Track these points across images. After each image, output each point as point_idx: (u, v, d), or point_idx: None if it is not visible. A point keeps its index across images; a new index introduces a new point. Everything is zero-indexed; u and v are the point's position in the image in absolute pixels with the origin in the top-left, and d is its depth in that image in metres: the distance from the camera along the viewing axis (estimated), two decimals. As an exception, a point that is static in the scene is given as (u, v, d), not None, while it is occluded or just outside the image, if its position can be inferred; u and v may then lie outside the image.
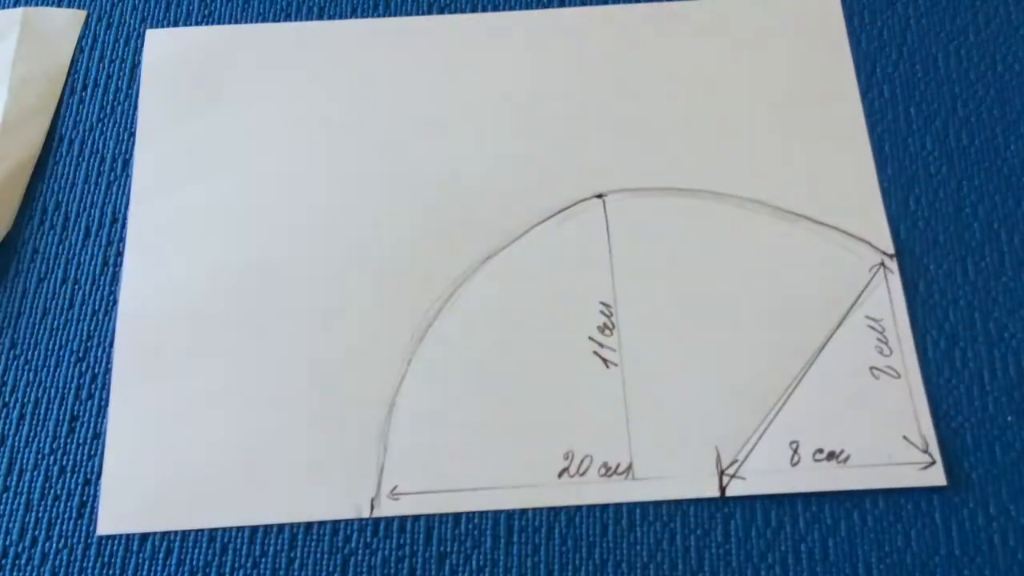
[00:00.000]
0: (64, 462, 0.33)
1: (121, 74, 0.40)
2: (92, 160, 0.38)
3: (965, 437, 0.33)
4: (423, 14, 0.41)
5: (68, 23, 0.40)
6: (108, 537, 0.32)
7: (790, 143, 0.38)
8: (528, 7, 0.41)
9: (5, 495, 0.33)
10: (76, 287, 0.36)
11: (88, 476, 0.33)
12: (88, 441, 0.33)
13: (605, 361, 0.34)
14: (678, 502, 0.32)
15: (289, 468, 0.32)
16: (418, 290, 0.35)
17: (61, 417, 0.34)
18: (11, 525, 0.32)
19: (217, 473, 0.32)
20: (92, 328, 0.35)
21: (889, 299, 0.35)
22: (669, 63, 0.39)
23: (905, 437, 0.33)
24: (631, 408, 0.33)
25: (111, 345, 0.35)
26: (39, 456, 0.33)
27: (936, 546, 0.31)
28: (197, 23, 0.41)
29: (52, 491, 0.33)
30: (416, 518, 0.32)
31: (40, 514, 0.32)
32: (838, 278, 0.35)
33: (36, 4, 0.41)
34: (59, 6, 0.41)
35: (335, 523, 0.32)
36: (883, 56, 0.39)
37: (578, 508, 0.32)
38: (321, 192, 0.37)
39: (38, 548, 0.32)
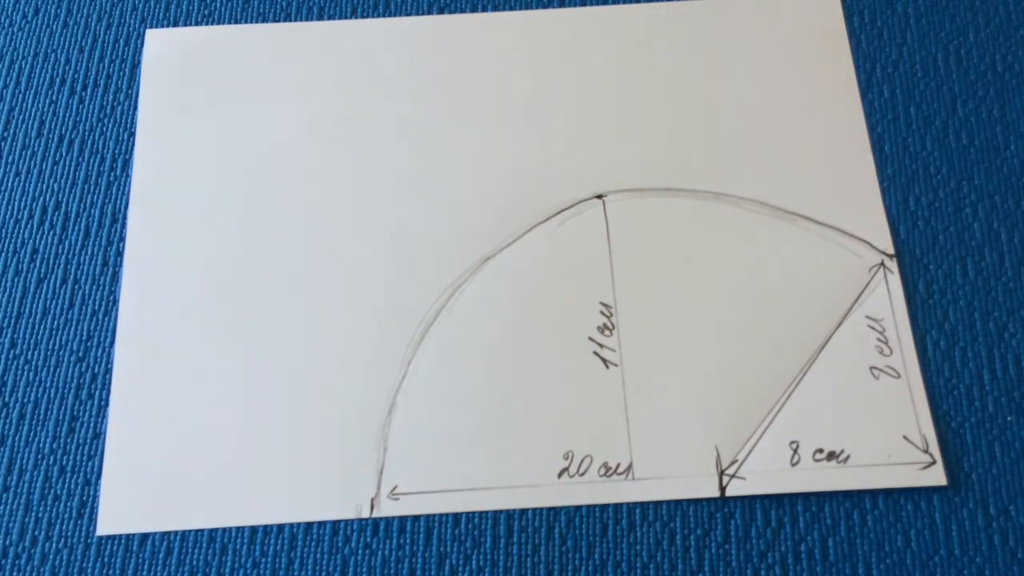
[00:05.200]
0: (64, 462, 0.33)
1: (121, 74, 0.40)
2: (92, 160, 0.38)
3: (965, 437, 0.33)
4: (423, 14, 0.41)
5: None
6: (108, 537, 0.32)
7: (790, 143, 0.38)
8: (528, 7, 0.41)
9: (5, 495, 0.33)
10: (76, 287, 0.36)
11: (88, 476, 0.33)
12: (88, 441, 0.33)
13: (605, 361, 0.34)
14: (678, 502, 0.32)
15: (289, 468, 0.32)
16: (418, 290, 0.35)
17: (61, 417, 0.34)
18: (11, 525, 0.32)
19: (217, 473, 0.32)
20: (92, 328, 0.35)
21: (889, 299, 0.35)
22: (669, 63, 0.39)
23: (905, 437, 0.33)
24: (631, 408, 0.33)
25: (111, 345, 0.35)
26: (39, 456, 0.33)
27: (936, 546, 0.31)
28: (197, 23, 0.41)
29: (52, 491, 0.33)
30: (416, 518, 0.32)
31: (40, 514, 0.32)
32: (838, 278, 0.35)
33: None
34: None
35: (335, 523, 0.32)
36: (883, 56, 0.39)
37: (578, 508, 0.32)
38: (320, 192, 0.37)
39: (38, 548, 0.32)
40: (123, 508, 0.32)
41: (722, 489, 0.32)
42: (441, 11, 0.41)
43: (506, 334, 0.34)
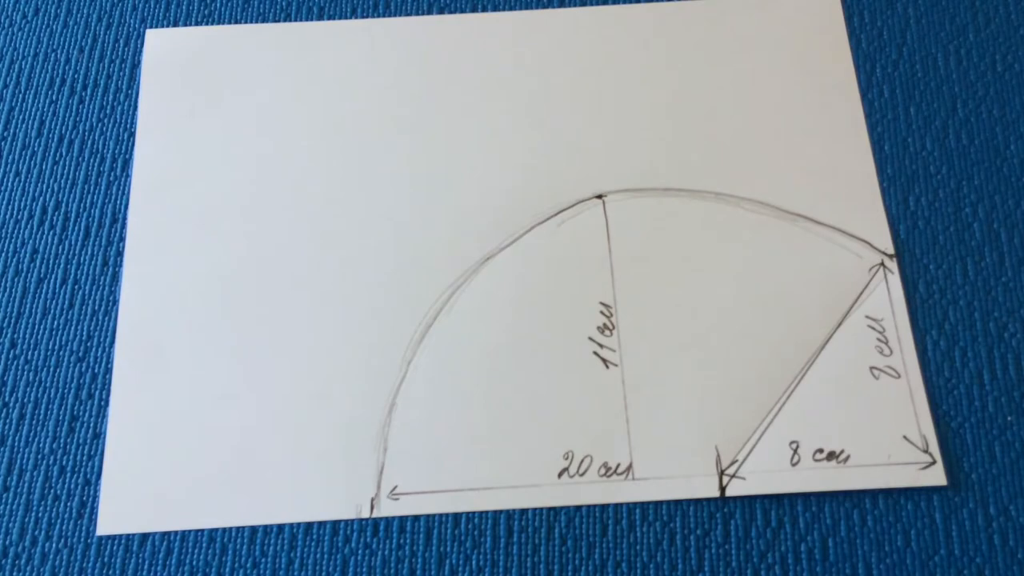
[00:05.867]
0: (64, 462, 0.33)
1: (121, 74, 0.40)
2: (92, 160, 0.38)
3: (965, 437, 0.33)
4: (423, 14, 0.41)
5: None
6: (108, 537, 0.32)
7: (790, 143, 0.38)
8: (528, 7, 0.41)
9: (5, 495, 0.33)
10: (76, 287, 0.36)
11: (88, 476, 0.33)
12: (88, 441, 0.33)
13: (605, 361, 0.34)
14: (678, 502, 0.32)
15: (289, 468, 0.32)
16: (418, 290, 0.35)
17: (61, 417, 0.34)
18: (11, 525, 0.32)
19: (217, 473, 0.32)
20: (92, 328, 0.35)
21: (889, 299, 0.35)
22: (669, 63, 0.39)
23: (905, 437, 0.33)
24: (631, 408, 0.33)
25: (111, 345, 0.35)
26: (39, 456, 0.33)
27: (936, 546, 0.31)
28: (197, 23, 0.41)
29: (52, 491, 0.33)
30: (416, 518, 0.32)
31: (40, 514, 0.32)
32: (838, 278, 0.35)
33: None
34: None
35: (335, 523, 0.32)
36: (883, 56, 0.39)
37: (578, 508, 0.32)
38: (321, 192, 0.37)
39: (38, 548, 0.32)
40: (123, 508, 0.32)
41: (722, 489, 0.32)
42: (441, 11, 0.41)
43: (506, 334, 0.34)
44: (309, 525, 0.32)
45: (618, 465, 0.32)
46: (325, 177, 0.37)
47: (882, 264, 0.35)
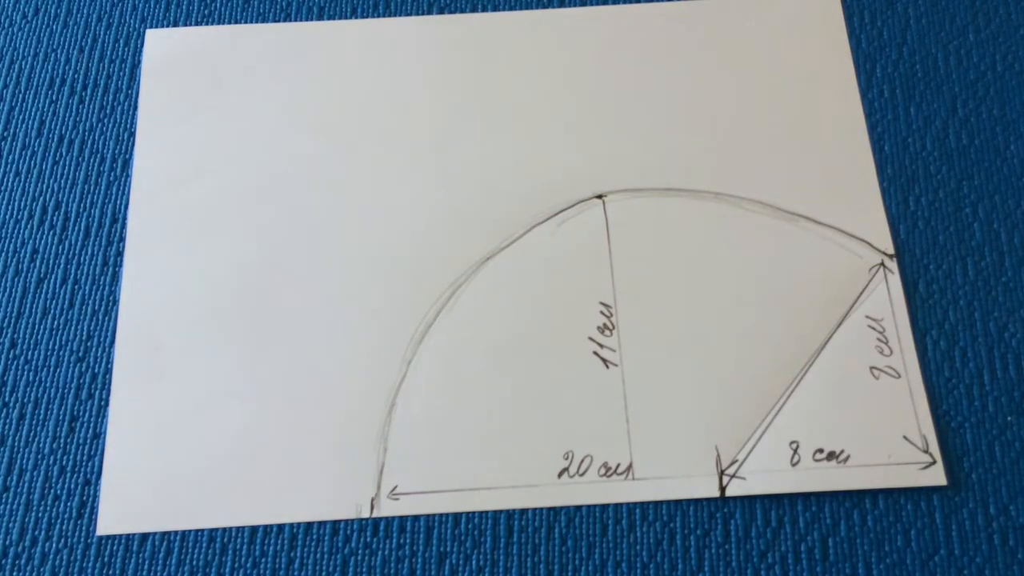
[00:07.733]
0: (64, 462, 0.33)
1: (121, 74, 0.40)
2: (92, 160, 0.38)
3: (965, 437, 0.33)
4: (423, 14, 0.41)
5: None
6: (108, 537, 0.32)
7: (790, 143, 0.38)
8: (528, 7, 0.41)
9: (5, 495, 0.33)
10: (76, 287, 0.36)
11: (88, 476, 0.33)
12: (88, 441, 0.33)
13: (605, 361, 0.34)
14: (678, 502, 0.32)
15: (289, 468, 0.32)
16: (418, 290, 0.35)
17: (61, 417, 0.34)
18: (11, 525, 0.32)
19: (217, 473, 0.32)
20: (92, 328, 0.35)
21: (889, 299, 0.35)
22: (669, 63, 0.39)
23: (905, 437, 0.33)
24: (631, 408, 0.33)
25: (111, 345, 0.35)
26: (39, 456, 0.33)
27: (936, 546, 0.31)
28: (197, 23, 0.41)
29: (52, 491, 0.33)
30: (416, 518, 0.32)
31: (40, 514, 0.32)
32: (838, 278, 0.35)
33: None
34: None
35: (335, 523, 0.32)
36: (883, 56, 0.39)
37: (578, 508, 0.32)
38: (321, 192, 0.37)
39: (38, 548, 0.32)
40: (123, 508, 0.32)
41: (722, 489, 0.32)
42: (441, 11, 0.41)
43: (506, 334, 0.34)
44: (309, 525, 0.32)
45: (618, 465, 0.32)
46: (324, 177, 0.37)
47: (882, 264, 0.35)
